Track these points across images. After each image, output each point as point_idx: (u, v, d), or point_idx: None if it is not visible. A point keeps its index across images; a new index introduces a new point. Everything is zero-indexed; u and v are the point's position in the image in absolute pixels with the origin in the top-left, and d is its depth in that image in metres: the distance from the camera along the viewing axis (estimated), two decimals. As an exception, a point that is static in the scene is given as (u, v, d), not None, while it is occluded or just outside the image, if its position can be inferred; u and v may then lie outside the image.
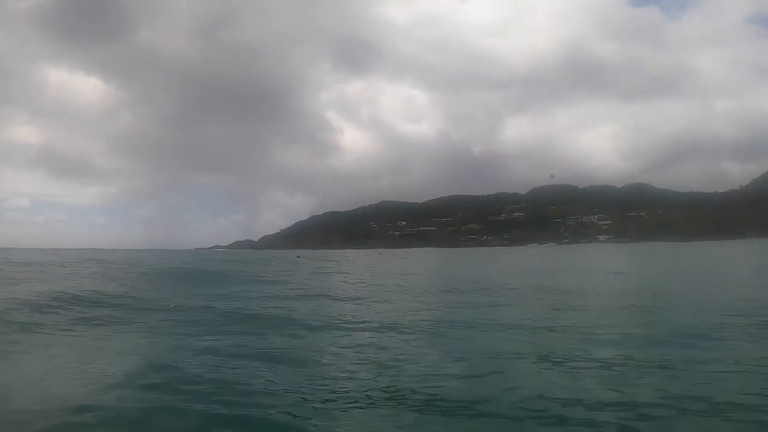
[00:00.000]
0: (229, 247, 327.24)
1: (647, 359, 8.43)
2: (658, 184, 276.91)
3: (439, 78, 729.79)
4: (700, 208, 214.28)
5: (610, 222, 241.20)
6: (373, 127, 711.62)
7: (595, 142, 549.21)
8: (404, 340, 10.57)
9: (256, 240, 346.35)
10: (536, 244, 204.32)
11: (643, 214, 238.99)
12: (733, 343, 9.75)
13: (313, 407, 6.41)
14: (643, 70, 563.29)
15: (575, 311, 14.57)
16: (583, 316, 13.73)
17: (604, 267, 41.65)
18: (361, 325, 12.78)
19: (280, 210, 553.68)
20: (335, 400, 6.66)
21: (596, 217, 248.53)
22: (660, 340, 10.02)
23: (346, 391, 7.04)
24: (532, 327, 11.90)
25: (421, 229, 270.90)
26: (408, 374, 7.88)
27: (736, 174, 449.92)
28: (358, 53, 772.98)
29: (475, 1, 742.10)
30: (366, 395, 6.88)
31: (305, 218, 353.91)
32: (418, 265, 50.41)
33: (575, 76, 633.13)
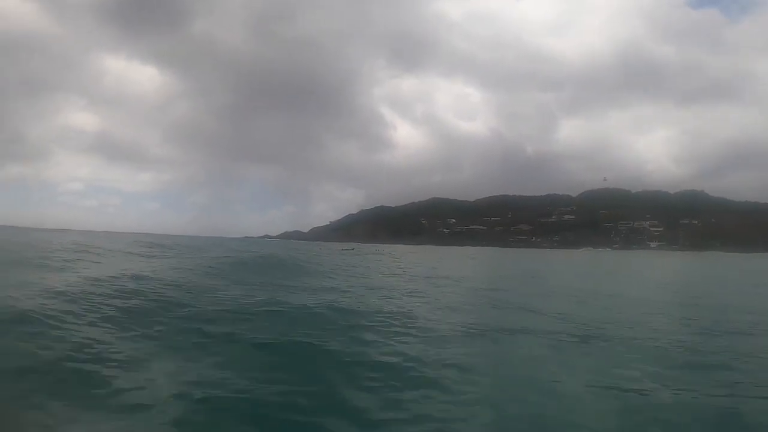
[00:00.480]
0: (278, 237, 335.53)
1: None
2: (713, 191, 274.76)
3: (493, 76, 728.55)
4: (755, 218, 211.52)
5: (661, 228, 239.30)
6: (426, 124, 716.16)
7: (650, 146, 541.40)
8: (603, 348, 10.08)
9: (305, 231, 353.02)
10: (590, 248, 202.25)
11: (696, 221, 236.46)
12: None
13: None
14: (700, 73, 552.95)
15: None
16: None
17: (690, 276, 40.44)
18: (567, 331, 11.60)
19: (330, 203, 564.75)
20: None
21: (648, 223, 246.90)
22: None
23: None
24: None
25: (471, 227, 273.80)
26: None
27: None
28: (413, 49, 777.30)
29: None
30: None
31: (355, 212, 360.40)
32: (500, 268, 47.52)
33: (631, 78, 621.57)
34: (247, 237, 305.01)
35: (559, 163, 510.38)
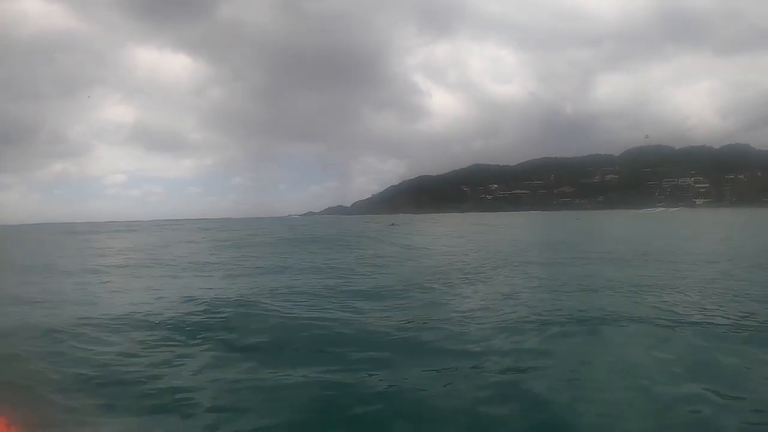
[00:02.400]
0: (322, 213, 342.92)
1: None
2: (759, 144, 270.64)
3: (526, 36, 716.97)
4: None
5: (707, 185, 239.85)
6: (462, 89, 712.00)
7: (692, 99, 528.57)
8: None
9: (348, 206, 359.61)
10: (656, 208, 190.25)
11: (742, 176, 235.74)
12: None
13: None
14: (742, 21, 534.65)
15: None
16: None
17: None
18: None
19: (371, 175, 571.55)
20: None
21: (692, 179, 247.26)
22: None
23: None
24: None
25: (514, 192, 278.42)
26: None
27: None
28: (443, 14, 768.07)
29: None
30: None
31: (396, 183, 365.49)
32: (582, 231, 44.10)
33: (670, 30, 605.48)
34: (290, 215, 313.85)
35: (599, 121, 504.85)
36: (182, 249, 29.25)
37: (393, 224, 62.99)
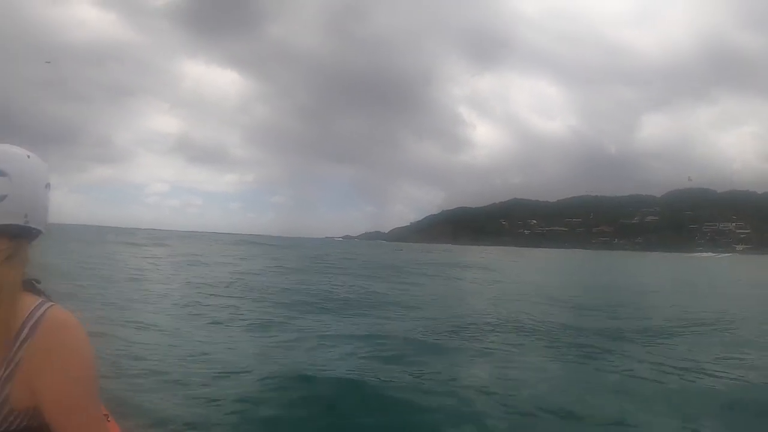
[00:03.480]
0: (359, 237, 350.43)
1: None
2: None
3: (572, 72, 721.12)
4: None
5: (748, 231, 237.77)
6: (506, 123, 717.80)
7: (737, 143, 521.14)
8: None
9: (385, 232, 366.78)
10: (702, 253, 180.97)
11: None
12: None
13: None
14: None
15: None
16: None
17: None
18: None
19: (410, 203, 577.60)
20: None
21: (733, 225, 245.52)
22: None
23: None
24: None
25: (552, 228, 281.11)
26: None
27: None
28: (490, 47, 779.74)
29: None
30: None
31: (435, 212, 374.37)
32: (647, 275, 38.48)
33: (717, 71, 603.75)
34: (327, 237, 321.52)
35: (642, 161, 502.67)
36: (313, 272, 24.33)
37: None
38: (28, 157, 1.27)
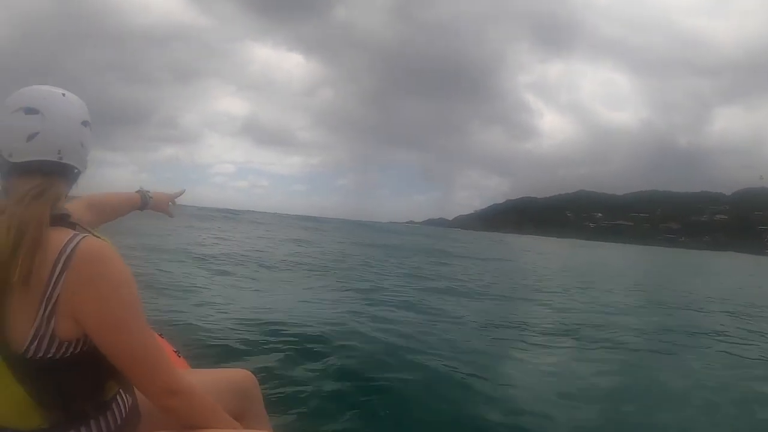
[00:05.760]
0: (422, 223, 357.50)
1: None
2: None
3: (642, 61, 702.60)
4: None
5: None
6: (573, 112, 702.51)
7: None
8: None
9: (450, 219, 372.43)
10: None
11: None
12: None
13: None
14: None
15: None
16: None
17: None
18: None
19: (474, 190, 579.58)
20: None
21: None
22: None
23: None
24: None
25: (617, 222, 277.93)
26: None
27: None
28: (558, 33, 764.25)
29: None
30: None
31: (500, 201, 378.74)
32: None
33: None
34: (392, 222, 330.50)
35: (713, 157, 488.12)
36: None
37: None
38: (63, 95, 1.28)
